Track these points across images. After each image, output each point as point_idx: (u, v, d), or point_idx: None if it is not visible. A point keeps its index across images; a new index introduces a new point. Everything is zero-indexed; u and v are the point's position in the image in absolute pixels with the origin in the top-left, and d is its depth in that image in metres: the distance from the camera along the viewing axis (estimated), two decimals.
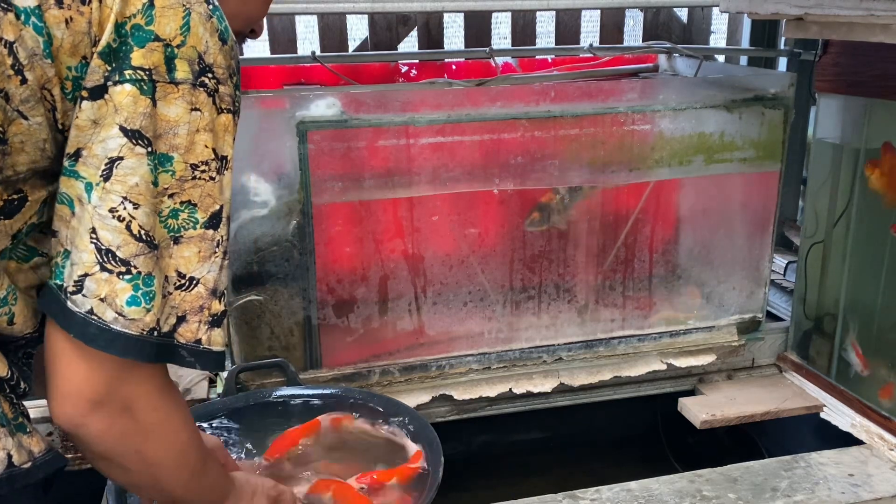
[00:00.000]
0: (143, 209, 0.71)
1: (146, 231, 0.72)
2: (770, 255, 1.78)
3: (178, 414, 0.82)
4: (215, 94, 0.75)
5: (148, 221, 0.72)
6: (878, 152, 1.66)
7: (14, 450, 0.75)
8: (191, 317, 0.76)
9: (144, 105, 0.71)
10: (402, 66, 1.91)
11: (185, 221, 0.74)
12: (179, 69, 0.72)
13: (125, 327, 0.72)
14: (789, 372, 1.86)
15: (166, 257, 0.74)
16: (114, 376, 0.74)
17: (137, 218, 0.71)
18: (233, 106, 0.78)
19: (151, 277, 0.73)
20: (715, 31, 2.35)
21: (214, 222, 0.76)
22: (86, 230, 0.71)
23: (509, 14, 2.15)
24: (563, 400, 1.75)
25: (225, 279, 0.79)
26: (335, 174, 1.49)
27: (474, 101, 1.53)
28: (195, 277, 0.76)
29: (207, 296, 0.77)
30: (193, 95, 0.73)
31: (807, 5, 1.40)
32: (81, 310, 0.72)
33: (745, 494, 1.43)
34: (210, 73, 0.74)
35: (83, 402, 0.74)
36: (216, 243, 0.77)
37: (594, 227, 1.67)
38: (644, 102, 1.60)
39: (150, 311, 0.73)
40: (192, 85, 0.73)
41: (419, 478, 1.22)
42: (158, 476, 0.82)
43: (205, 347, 0.77)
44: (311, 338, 1.56)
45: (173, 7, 0.72)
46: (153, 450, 0.80)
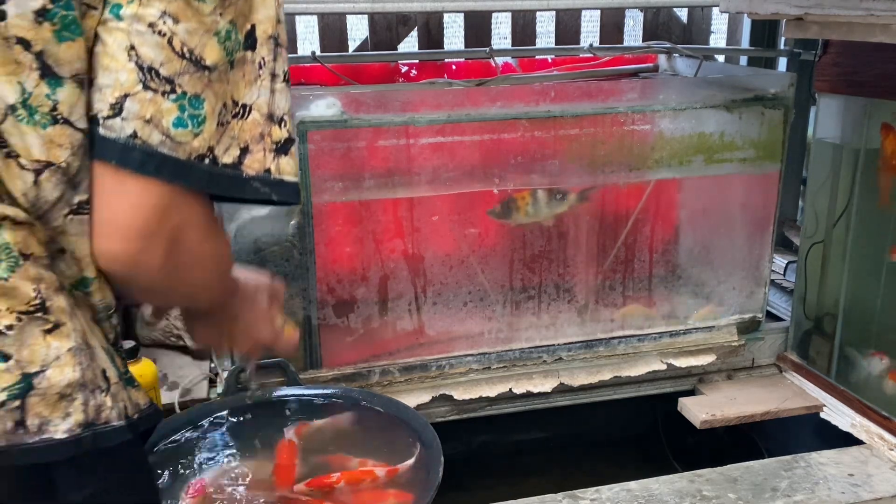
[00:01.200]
0: (185, 25, 0.66)
1: (190, 49, 0.67)
2: (770, 255, 1.78)
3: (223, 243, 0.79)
4: None
5: (192, 39, 0.66)
6: (878, 153, 1.66)
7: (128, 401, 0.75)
8: (253, 146, 0.72)
9: None
10: (402, 66, 1.91)
11: (235, 44, 0.70)
12: None
13: (172, 150, 0.67)
14: (789, 372, 1.86)
15: (224, 82, 0.69)
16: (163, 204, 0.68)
17: (179, 34, 0.66)
18: None
19: (200, 100, 0.67)
20: (715, 31, 2.34)
21: (251, 42, 0.71)
22: (122, 48, 0.66)
23: (509, 14, 2.15)
24: (563, 400, 1.75)
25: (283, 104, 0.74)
26: (335, 174, 1.49)
27: (474, 101, 1.53)
28: (247, 104, 0.71)
29: (264, 122, 0.72)
30: None
31: (807, 5, 1.40)
32: (121, 135, 0.66)
33: (745, 494, 1.43)
34: None
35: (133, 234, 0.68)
36: (258, 65, 0.72)
37: (594, 227, 1.67)
38: (644, 102, 1.60)
39: (199, 135, 0.68)
40: None
41: None
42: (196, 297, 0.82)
43: (276, 177, 0.73)
44: (311, 338, 1.56)
45: None
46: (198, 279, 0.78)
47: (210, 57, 0.68)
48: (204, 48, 0.67)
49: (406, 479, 1.26)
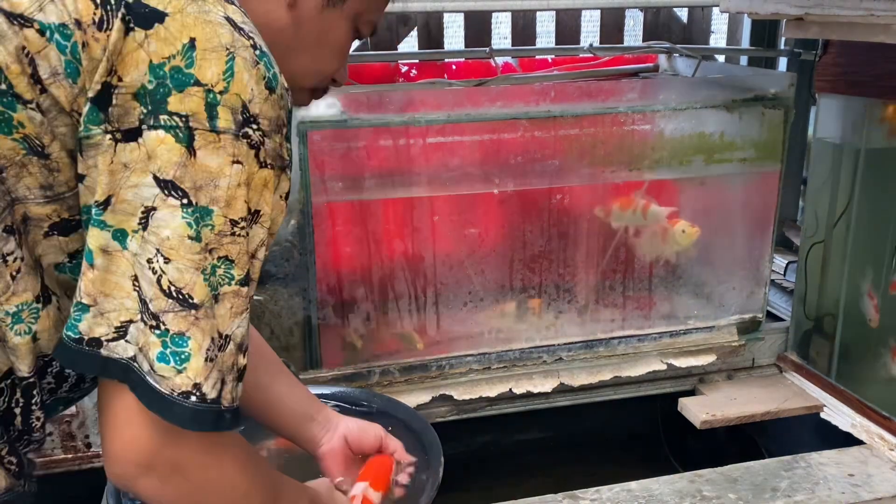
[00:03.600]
0: (176, 264, 0.67)
1: (177, 288, 0.68)
2: (770, 255, 1.78)
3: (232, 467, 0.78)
4: (260, 148, 0.70)
5: (181, 278, 0.68)
6: (878, 152, 1.66)
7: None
8: (227, 377, 0.72)
9: (179, 154, 0.67)
10: (402, 66, 1.91)
11: (221, 278, 0.70)
12: (222, 117, 0.68)
13: (157, 383, 0.68)
14: (789, 372, 1.86)
15: (212, 318, 0.70)
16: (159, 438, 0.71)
17: (168, 273, 0.67)
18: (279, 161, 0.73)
19: (184, 338, 0.68)
20: (715, 31, 2.34)
21: (247, 279, 0.72)
22: (127, 277, 0.68)
23: (509, 14, 2.15)
24: (563, 400, 1.75)
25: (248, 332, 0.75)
26: (335, 174, 1.49)
27: (474, 101, 1.53)
28: (229, 335, 0.72)
29: (236, 352, 0.73)
30: (236, 147, 0.69)
31: (807, 5, 1.39)
32: (124, 356, 0.69)
33: (745, 494, 1.43)
34: (255, 125, 0.70)
35: (130, 465, 0.71)
36: (248, 299, 0.73)
37: (594, 227, 1.67)
38: (644, 102, 1.60)
39: (182, 372, 0.68)
40: (234, 135, 0.69)
41: None
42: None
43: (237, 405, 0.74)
44: (311, 338, 1.56)
45: (216, 50, 0.68)
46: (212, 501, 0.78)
47: (198, 295, 0.68)
48: (193, 287, 0.68)
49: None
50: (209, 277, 0.69)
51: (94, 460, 1.54)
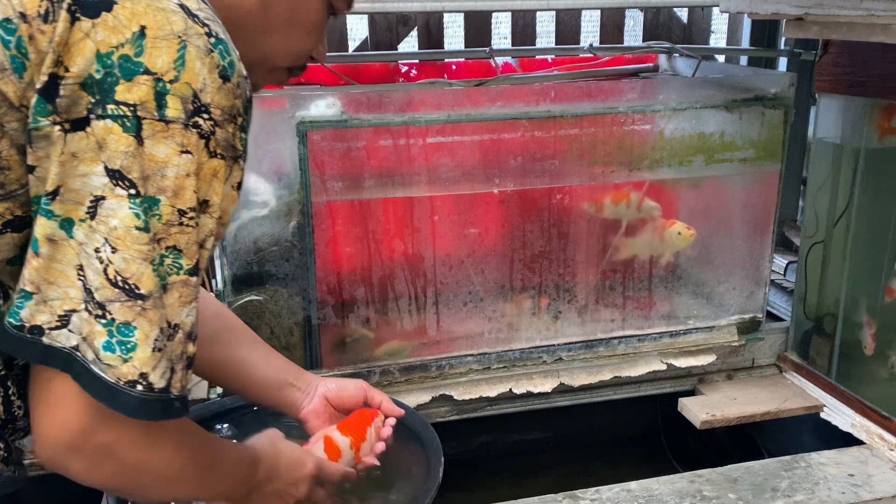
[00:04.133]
0: (123, 254, 0.67)
1: (124, 278, 0.68)
2: (770, 255, 1.78)
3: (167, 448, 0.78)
4: (210, 137, 0.70)
5: (128, 268, 0.68)
6: (878, 152, 1.66)
7: None
8: (177, 365, 0.72)
9: (126, 144, 0.66)
10: (402, 66, 1.91)
11: (169, 267, 0.70)
12: (171, 107, 0.67)
13: (102, 371, 0.68)
14: (789, 372, 1.86)
15: (160, 308, 0.70)
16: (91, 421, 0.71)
17: (114, 263, 0.67)
18: (230, 151, 0.73)
19: (130, 328, 0.68)
20: (715, 31, 2.34)
21: (195, 269, 0.72)
22: (72, 266, 0.68)
23: (509, 14, 2.15)
24: (563, 400, 1.75)
25: (197, 321, 0.75)
26: (335, 174, 1.49)
27: (474, 101, 1.53)
28: (178, 324, 0.72)
29: (185, 340, 0.73)
30: (185, 136, 0.68)
31: (807, 5, 1.39)
32: (66, 345, 0.69)
33: (745, 494, 1.43)
34: (206, 114, 0.69)
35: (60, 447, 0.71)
36: (196, 289, 0.73)
37: (594, 227, 1.67)
38: (644, 102, 1.60)
39: (128, 362, 0.69)
40: (183, 125, 0.68)
41: None
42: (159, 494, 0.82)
43: (186, 393, 0.74)
44: (311, 338, 1.56)
45: (167, 38, 0.67)
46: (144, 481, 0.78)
47: (145, 286, 0.69)
48: (141, 277, 0.68)
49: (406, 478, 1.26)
50: (157, 268, 0.69)
51: None
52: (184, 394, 0.73)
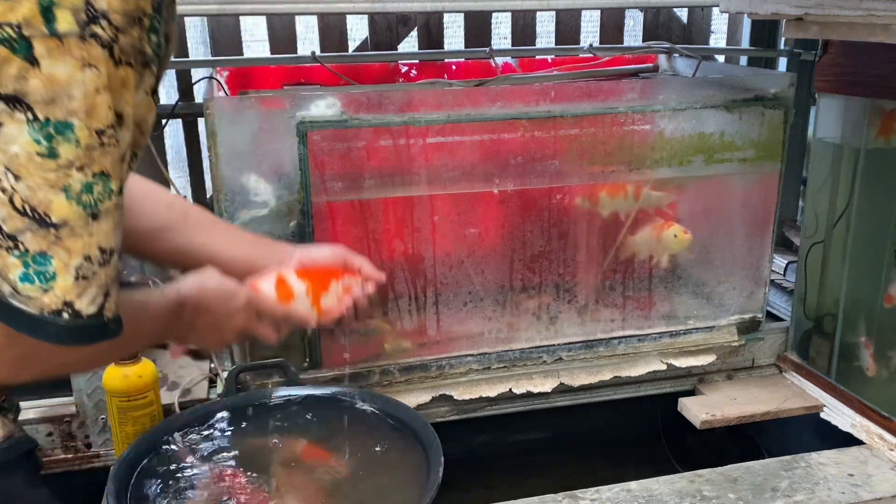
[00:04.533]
0: (27, 182, 0.64)
1: (32, 206, 0.64)
2: (770, 255, 1.78)
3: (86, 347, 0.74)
4: (113, 46, 0.65)
5: (34, 196, 0.64)
6: (878, 153, 1.66)
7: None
8: (111, 289, 0.71)
9: (17, 66, 0.62)
10: (402, 66, 1.91)
11: (100, 195, 0.67)
12: (61, 19, 0.62)
13: (22, 303, 0.67)
14: (789, 372, 1.86)
15: (85, 236, 0.67)
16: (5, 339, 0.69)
17: (20, 191, 0.64)
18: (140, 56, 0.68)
19: (47, 257, 0.66)
20: (715, 31, 2.35)
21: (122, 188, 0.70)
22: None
23: (509, 14, 2.15)
24: (563, 400, 1.75)
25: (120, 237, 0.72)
26: (335, 174, 1.49)
27: (474, 101, 1.53)
28: (112, 248, 0.70)
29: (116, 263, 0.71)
30: (84, 49, 0.63)
31: (807, 5, 1.40)
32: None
33: (745, 494, 1.43)
34: (104, 21, 0.64)
35: None
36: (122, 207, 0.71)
37: (594, 226, 1.67)
38: (644, 102, 1.60)
39: (49, 291, 0.67)
40: (79, 37, 0.63)
41: None
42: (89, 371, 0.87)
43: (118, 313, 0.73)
44: (311, 338, 1.56)
45: None
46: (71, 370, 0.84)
47: (56, 213, 0.65)
48: (50, 205, 0.65)
49: (406, 477, 1.26)
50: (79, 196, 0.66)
51: (94, 460, 1.54)
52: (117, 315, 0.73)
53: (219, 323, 0.99)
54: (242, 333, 1.04)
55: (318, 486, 1.25)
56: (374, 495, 1.23)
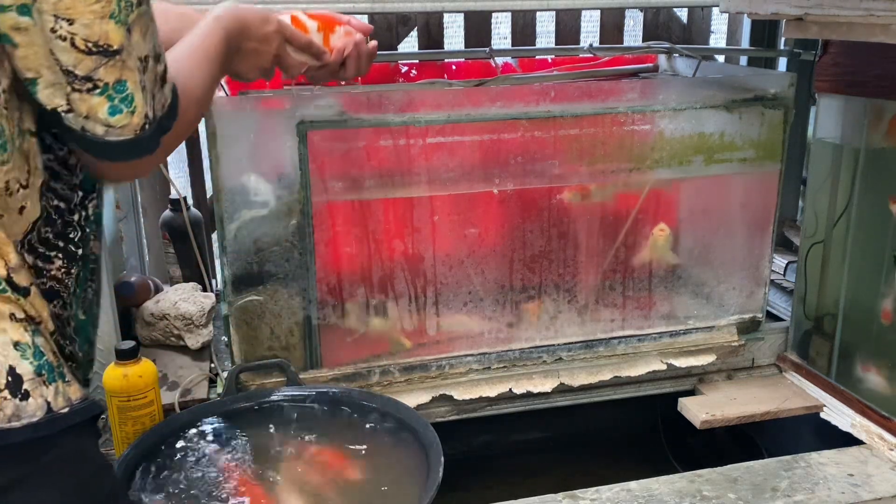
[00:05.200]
0: (81, 21, 0.69)
1: (94, 42, 0.70)
2: (770, 255, 1.78)
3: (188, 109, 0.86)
4: None
5: (92, 32, 0.69)
6: (878, 153, 1.66)
7: (52, 396, 0.77)
8: (156, 91, 0.78)
9: None
10: (402, 66, 1.91)
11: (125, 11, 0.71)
12: None
13: (119, 135, 0.74)
14: (789, 372, 1.86)
15: (132, 51, 0.73)
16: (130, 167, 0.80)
17: (78, 32, 0.69)
18: None
19: (122, 83, 0.72)
20: (715, 32, 2.35)
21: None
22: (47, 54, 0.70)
23: (509, 14, 2.15)
24: (563, 400, 1.75)
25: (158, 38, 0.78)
26: (335, 174, 1.50)
27: (474, 101, 1.53)
28: (148, 55, 0.75)
29: (154, 65, 0.77)
30: None
31: (807, 5, 1.40)
32: (77, 128, 0.74)
33: (745, 494, 1.43)
34: None
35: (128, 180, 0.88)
36: (149, 16, 0.75)
37: (594, 227, 1.67)
38: (644, 102, 1.60)
39: (135, 112, 0.74)
40: None
41: None
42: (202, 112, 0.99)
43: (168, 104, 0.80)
44: (311, 338, 1.56)
45: None
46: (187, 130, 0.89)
47: (115, 41, 0.71)
48: (108, 35, 0.70)
49: (406, 477, 1.26)
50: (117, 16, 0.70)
51: None
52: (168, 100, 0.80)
53: (258, 48, 1.08)
54: (276, 58, 1.12)
55: (317, 486, 1.25)
56: (374, 495, 1.23)
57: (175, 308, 1.67)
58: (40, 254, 0.79)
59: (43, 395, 0.76)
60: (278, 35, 1.10)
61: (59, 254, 0.81)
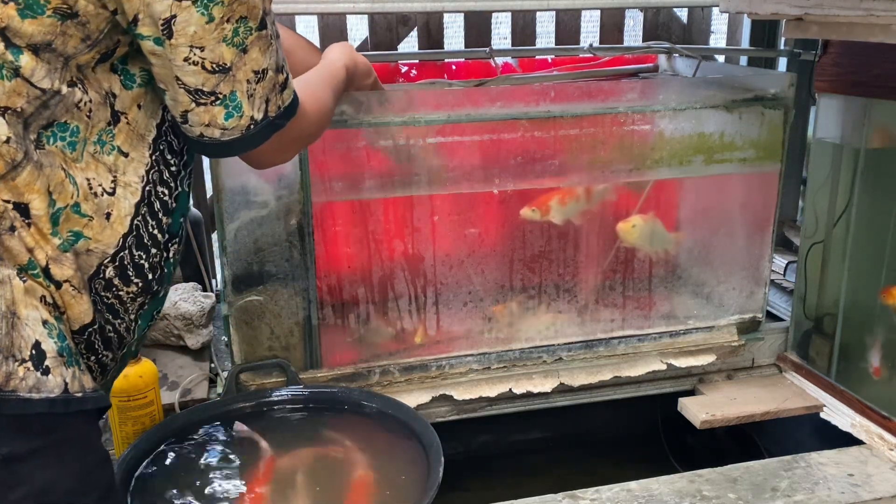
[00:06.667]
0: (209, 47, 0.84)
1: (216, 63, 0.85)
2: (770, 255, 1.78)
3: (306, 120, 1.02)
4: None
5: (216, 55, 0.85)
6: (878, 152, 1.66)
7: (69, 378, 0.80)
8: (271, 96, 0.92)
9: None
10: (402, 66, 1.91)
11: (244, 34, 0.86)
12: None
13: (231, 135, 0.90)
14: (789, 372, 1.86)
15: (242, 67, 0.87)
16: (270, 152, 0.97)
17: (207, 57, 0.85)
18: None
19: (234, 93, 0.88)
20: (715, 32, 2.34)
21: (263, 23, 0.88)
22: (172, 78, 0.86)
23: (509, 14, 2.15)
24: (563, 400, 1.75)
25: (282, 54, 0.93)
26: (335, 174, 1.50)
27: (474, 101, 1.53)
28: (265, 68, 0.90)
29: (274, 75, 0.91)
30: None
31: (807, 5, 1.40)
32: (193, 135, 0.90)
33: (745, 494, 1.43)
34: None
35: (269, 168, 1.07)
36: (270, 37, 0.89)
37: (594, 227, 1.67)
38: (644, 102, 1.60)
39: (242, 115, 0.89)
40: None
41: None
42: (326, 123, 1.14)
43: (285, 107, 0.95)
44: (311, 338, 1.56)
45: None
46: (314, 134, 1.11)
47: (227, 59, 0.86)
48: (223, 55, 0.86)
49: (406, 477, 1.26)
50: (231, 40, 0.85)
51: None
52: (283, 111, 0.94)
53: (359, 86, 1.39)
54: None
55: (318, 486, 1.25)
56: (374, 495, 1.23)
57: (175, 308, 1.67)
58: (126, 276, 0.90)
59: (62, 374, 0.79)
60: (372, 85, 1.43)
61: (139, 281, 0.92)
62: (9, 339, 0.77)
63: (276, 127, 0.94)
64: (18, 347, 0.77)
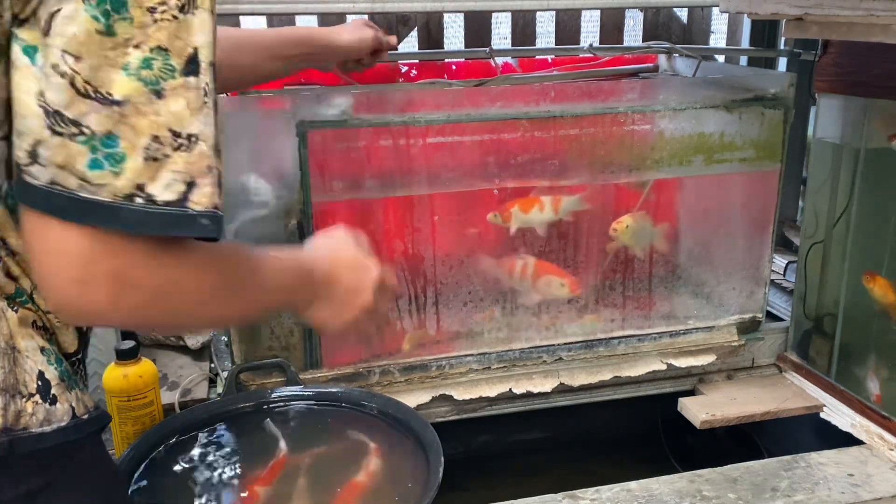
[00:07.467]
0: (88, 62, 0.62)
1: (94, 86, 0.63)
2: (770, 255, 1.78)
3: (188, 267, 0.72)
4: None
5: (96, 76, 0.63)
6: (878, 153, 1.66)
7: (74, 402, 0.78)
8: (200, 180, 0.67)
9: None
10: (402, 66, 1.91)
11: (161, 71, 0.64)
12: None
13: (93, 193, 0.64)
14: (789, 372, 1.86)
15: (151, 115, 0.64)
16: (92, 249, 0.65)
17: (81, 72, 0.62)
18: None
19: (114, 137, 0.64)
20: (715, 32, 2.34)
21: (193, 68, 0.66)
22: (32, 94, 0.64)
23: (509, 14, 2.15)
24: (563, 400, 1.75)
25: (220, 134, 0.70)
26: (335, 174, 1.49)
27: (474, 101, 1.53)
28: (194, 134, 0.66)
29: (211, 154, 0.68)
30: None
31: (807, 5, 1.40)
32: (42, 181, 0.64)
33: (745, 494, 1.43)
34: None
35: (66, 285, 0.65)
36: (203, 92, 0.67)
37: (594, 227, 1.67)
38: (644, 102, 1.60)
39: (121, 174, 0.64)
40: None
41: None
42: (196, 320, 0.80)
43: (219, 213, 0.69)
44: (311, 338, 1.56)
45: None
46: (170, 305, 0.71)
47: (119, 91, 0.64)
48: (112, 84, 0.63)
49: (406, 478, 1.26)
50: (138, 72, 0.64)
51: None
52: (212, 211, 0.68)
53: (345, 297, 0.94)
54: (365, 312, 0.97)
55: (317, 486, 1.25)
56: (374, 495, 1.23)
57: None
58: None
59: (68, 399, 0.77)
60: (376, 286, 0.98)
61: None
62: (13, 377, 0.73)
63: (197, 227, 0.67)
64: (23, 382, 0.74)
